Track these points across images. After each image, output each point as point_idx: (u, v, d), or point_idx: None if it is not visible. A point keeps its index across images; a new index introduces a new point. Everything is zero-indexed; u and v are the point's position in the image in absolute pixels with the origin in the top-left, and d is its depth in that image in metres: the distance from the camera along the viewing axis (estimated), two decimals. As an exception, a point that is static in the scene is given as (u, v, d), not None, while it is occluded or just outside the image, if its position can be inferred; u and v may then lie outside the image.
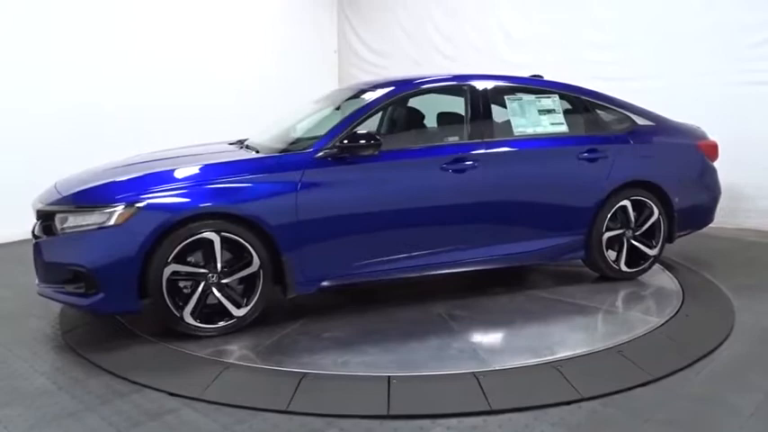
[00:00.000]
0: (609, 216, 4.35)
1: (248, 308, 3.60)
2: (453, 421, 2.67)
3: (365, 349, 3.41)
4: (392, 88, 4.14)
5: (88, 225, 3.38)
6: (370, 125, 4.72)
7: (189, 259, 3.50)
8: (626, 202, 4.39)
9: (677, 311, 3.91)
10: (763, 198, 5.70)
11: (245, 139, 4.43)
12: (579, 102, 4.50)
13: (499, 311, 3.97)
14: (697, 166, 4.72)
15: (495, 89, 4.30)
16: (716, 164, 4.82)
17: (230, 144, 4.42)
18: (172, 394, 2.92)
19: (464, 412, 2.72)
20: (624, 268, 4.47)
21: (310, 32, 9.27)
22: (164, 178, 3.57)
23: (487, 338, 3.63)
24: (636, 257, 4.51)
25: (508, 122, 4.26)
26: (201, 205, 3.45)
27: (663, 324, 3.70)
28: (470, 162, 3.99)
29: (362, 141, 3.71)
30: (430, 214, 3.96)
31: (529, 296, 4.25)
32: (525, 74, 4.79)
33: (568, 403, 2.80)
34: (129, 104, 6.93)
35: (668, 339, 3.50)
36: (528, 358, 3.22)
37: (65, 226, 3.44)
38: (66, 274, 3.47)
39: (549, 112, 4.33)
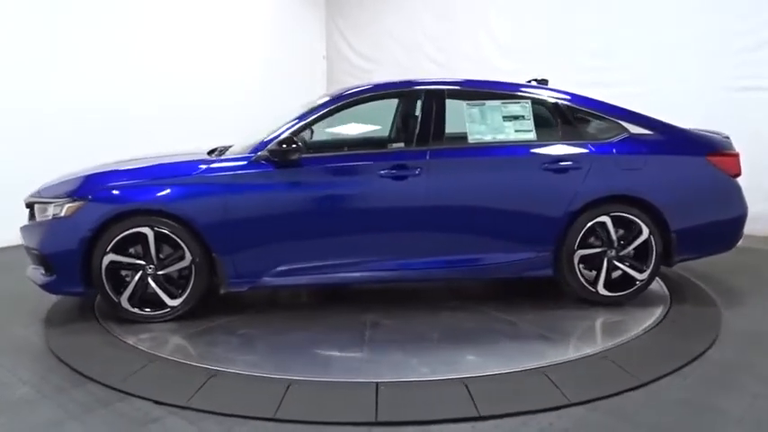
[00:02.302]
0: (583, 232, 3.97)
1: (181, 300, 3.86)
2: (442, 428, 2.65)
3: (259, 349, 3.54)
4: (341, 94, 4.14)
5: (48, 215, 3.83)
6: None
7: (130, 251, 3.83)
8: (604, 218, 3.98)
9: (665, 316, 3.92)
10: (754, 203, 5.72)
11: (230, 146, 4.41)
12: (557, 108, 4.16)
13: (428, 325, 3.83)
14: (705, 181, 4.10)
15: (457, 94, 4.13)
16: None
17: (211, 150, 4.39)
18: (157, 402, 2.88)
19: (453, 418, 2.70)
20: (603, 291, 4.04)
21: (299, 38, 9.30)
22: (112, 177, 3.92)
23: (385, 350, 3.46)
24: (627, 280, 4.09)
25: (465, 129, 4.06)
26: (135, 202, 3.76)
27: (650, 329, 3.70)
28: (412, 170, 3.86)
29: (284, 146, 3.77)
30: (365, 221, 3.90)
31: (474, 312, 4.05)
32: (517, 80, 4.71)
33: (557, 408, 2.79)
34: (122, 108, 6.95)
35: (655, 344, 3.50)
36: (404, 375, 3.11)
37: (43, 215, 3.88)
38: (37, 257, 3.94)
39: (517, 118, 4.06)
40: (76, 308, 4.25)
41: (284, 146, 3.78)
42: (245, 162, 3.85)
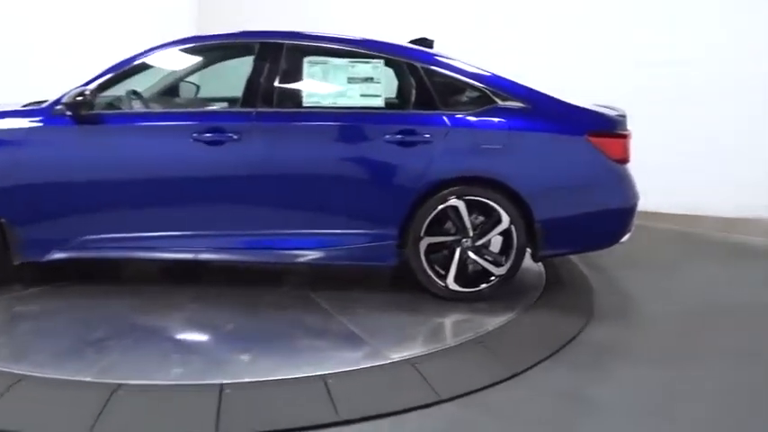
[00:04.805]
0: (431, 217, 3.47)
1: None
2: (296, 436, 2.28)
3: (57, 331, 3.06)
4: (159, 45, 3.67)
5: None
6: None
7: None
8: (457, 203, 3.48)
9: (539, 297, 3.76)
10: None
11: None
12: (415, 72, 3.58)
13: (232, 314, 3.32)
14: (582, 165, 3.51)
15: (298, 50, 3.59)
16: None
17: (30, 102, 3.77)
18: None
19: (308, 426, 2.33)
20: (453, 286, 3.52)
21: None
22: None
23: (148, 342, 2.99)
24: (486, 275, 3.59)
25: (301, 91, 3.60)
26: None
27: (524, 312, 3.51)
28: (230, 134, 3.39)
29: (78, 99, 3.34)
30: (173, 190, 3.46)
31: (302, 303, 3.51)
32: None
33: (427, 406, 2.52)
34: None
35: (527, 329, 3.32)
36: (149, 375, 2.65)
37: None
38: None
39: (366, 80, 3.53)
40: None
41: (79, 98, 3.33)
42: (43, 116, 3.41)
